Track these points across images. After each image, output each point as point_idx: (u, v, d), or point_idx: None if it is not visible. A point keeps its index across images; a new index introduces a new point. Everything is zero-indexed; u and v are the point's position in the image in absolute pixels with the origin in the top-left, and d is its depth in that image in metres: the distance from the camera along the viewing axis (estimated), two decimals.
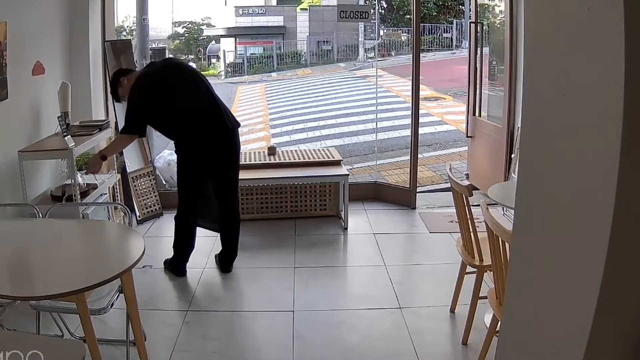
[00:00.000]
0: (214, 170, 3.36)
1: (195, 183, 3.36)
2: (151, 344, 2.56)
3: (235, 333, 2.84)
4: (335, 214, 4.46)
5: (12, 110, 3.27)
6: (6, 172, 3.22)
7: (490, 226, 2.08)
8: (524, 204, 1.51)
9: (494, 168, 4.72)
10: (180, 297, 3.20)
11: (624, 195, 1.08)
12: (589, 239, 1.17)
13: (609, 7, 1.05)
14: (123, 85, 3.20)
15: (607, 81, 1.08)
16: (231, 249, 3.53)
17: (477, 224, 2.61)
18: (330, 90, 14.81)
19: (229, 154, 3.36)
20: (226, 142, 3.31)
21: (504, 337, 1.72)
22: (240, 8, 22.88)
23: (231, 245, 3.53)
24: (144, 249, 2.13)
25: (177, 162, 3.35)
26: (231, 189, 3.46)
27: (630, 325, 1.22)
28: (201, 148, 3.25)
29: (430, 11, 21.67)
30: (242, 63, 21.55)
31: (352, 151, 7.89)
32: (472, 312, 2.60)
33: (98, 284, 1.92)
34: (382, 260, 3.66)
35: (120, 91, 3.23)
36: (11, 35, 3.19)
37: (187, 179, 3.34)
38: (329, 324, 2.88)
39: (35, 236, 2.40)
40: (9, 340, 1.89)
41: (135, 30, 5.87)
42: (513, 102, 4.44)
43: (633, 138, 1.06)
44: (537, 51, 1.38)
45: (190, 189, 3.36)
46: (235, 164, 3.43)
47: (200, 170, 3.32)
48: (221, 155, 3.32)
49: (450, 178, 2.68)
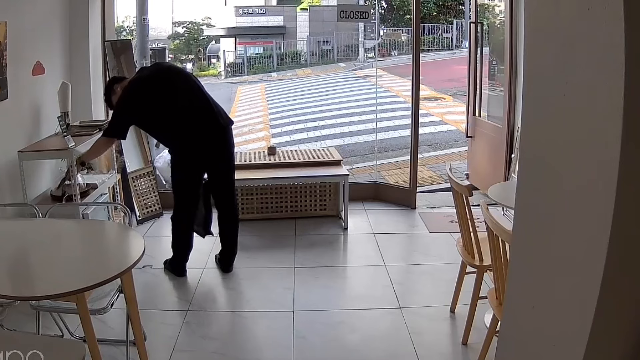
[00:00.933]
0: (209, 168, 3.38)
1: (191, 182, 3.36)
2: (151, 344, 2.56)
3: (235, 333, 2.85)
4: (335, 214, 4.46)
5: (12, 110, 3.27)
6: (6, 172, 3.22)
7: (490, 226, 2.08)
8: (524, 204, 1.51)
9: (494, 168, 4.72)
10: (180, 297, 3.20)
11: (624, 195, 1.08)
12: (589, 239, 1.17)
13: (609, 7, 1.05)
14: (116, 93, 3.21)
15: (607, 81, 1.08)
16: (231, 247, 3.53)
17: (477, 224, 2.61)
18: (330, 90, 14.81)
19: (223, 152, 3.37)
20: (219, 139, 3.32)
21: (504, 337, 1.71)
22: (240, 8, 22.87)
23: (230, 243, 3.53)
24: (144, 249, 2.13)
25: (171, 162, 3.37)
26: (228, 186, 3.47)
27: (630, 325, 1.22)
28: (195, 146, 3.26)
29: (430, 11, 21.67)
30: (242, 63, 21.55)
31: (352, 151, 7.89)
32: (472, 312, 2.60)
33: (98, 284, 1.92)
34: (382, 260, 3.66)
35: (113, 99, 3.23)
36: (11, 35, 3.19)
37: (182, 178, 3.35)
38: (329, 324, 2.88)
39: (35, 236, 2.41)
40: (9, 340, 1.89)
41: (135, 30, 5.88)
42: (513, 102, 4.44)
43: (633, 138, 1.06)
44: (537, 51, 1.38)
45: (186, 188, 3.37)
46: (230, 161, 3.44)
47: (194, 168, 3.33)
48: (215, 153, 3.34)
49: (450, 178, 2.68)
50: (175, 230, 3.45)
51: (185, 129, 3.21)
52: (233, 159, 3.49)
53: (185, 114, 3.19)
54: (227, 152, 3.40)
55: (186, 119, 3.19)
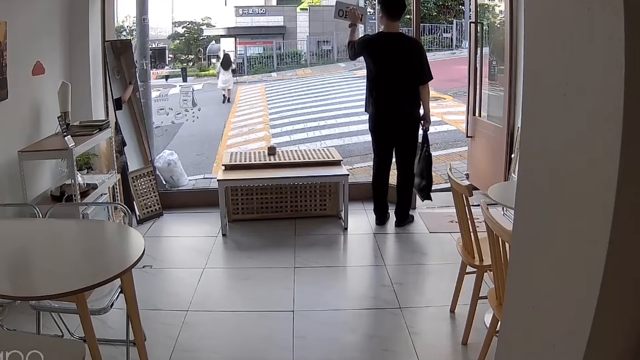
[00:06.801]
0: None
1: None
2: (151, 344, 2.56)
3: (235, 333, 2.84)
4: (335, 214, 4.46)
5: (12, 110, 3.27)
6: (6, 172, 3.22)
7: (490, 226, 2.08)
8: (524, 204, 1.51)
9: (494, 168, 4.72)
10: (180, 297, 3.20)
11: (624, 195, 1.08)
12: (589, 239, 1.17)
13: (609, 7, 1.05)
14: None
15: (607, 81, 1.08)
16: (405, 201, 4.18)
17: (477, 224, 2.61)
18: (330, 90, 14.81)
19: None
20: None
21: (504, 337, 1.71)
22: (240, 8, 22.86)
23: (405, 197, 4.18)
24: (144, 249, 2.13)
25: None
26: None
27: (630, 325, 1.22)
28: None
29: (430, 11, 21.66)
30: (242, 63, 21.55)
31: (352, 151, 7.90)
32: (472, 312, 2.60)
33: (98, 284, 1.92)
34: (382, 260, 3.66)
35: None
36: (11, 35, 3.19)
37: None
38: (329, 324, 2.88)
39: (35, 236, 2.41)
40: (9, 340, 1.89)
41: (135, 30, 5.87)
42: (513, 102, 4.44)
43: (633, 138, 1.06)
44: (537, 51, 1.38)
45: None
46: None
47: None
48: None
49: (450, 178, 2.68)
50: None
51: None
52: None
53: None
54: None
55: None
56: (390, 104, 3.95)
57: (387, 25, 3.93)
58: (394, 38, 3.91)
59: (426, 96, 3.98)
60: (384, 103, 3.97)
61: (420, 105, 3.98)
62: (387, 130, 4.04)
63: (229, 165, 4.30)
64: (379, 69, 3.94)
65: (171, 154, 5.32)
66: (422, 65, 3.90)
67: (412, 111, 3.98)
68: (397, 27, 3.94)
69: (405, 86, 3.91)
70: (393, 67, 3.89)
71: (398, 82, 3.90)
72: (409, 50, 3.90)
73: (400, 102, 3.93)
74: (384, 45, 3.91)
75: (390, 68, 3.90)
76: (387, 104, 3.95)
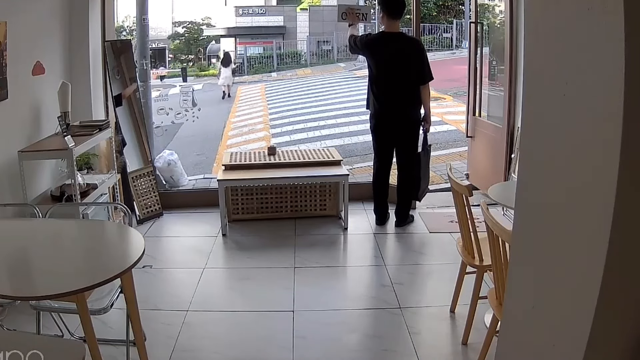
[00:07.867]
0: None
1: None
2: (151, 344, 2.56)
3: (235, 333, 2.84)
4: (335, 214, 4.46)
5: (12, 110, 3.27)
6: (6, 172, 3.22)
7: (490, 226, 2.08)
8: (524, 204, 1.51)
9: (494, 168, 4.72)
10: (180, 297, 3.19)
11: (624, 195, 1.08)
12: (589, 239, 1.17)
13: (609, 7, 1.05)
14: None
15: (607, 81, 1.08)
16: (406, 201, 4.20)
17: (477, 224, 2.61)
18: (330, 90, 14.81)
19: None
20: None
21: (504, 337, 1.72)
22: (240, 8, 22.86)
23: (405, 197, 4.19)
24: (144, 249, 2.13)
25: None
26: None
27: (630, 325, 1.22)
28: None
29: (430, 11, 21.65)
30: (242, 63, 21.54)
31: (352, 151, 7.90)
32: (472, 312, 2.60)
33: (98, 284, 1.92)
34: (382, 260, 3.66)
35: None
36: (11, 35, 3.19)
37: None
38: (329, 324, 2.88)
39: (35, 236, 2.41)
40: (9, 340, 1.89)
41: (135, 30, 5.87)
42: (513, 102, 4.44)
43: (633, 138, 1.06)
44: (537, 51, 1.38)
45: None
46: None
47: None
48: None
49: (450, 178, 2.68)
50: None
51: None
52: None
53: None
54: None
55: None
56: (390, 103, 3.94)
57: (387, 25, 3.93)
58: (394, 38, 3.91)
59: (427, 96, 3.97)
60: (384, 103, 3.96)
61: (420, 106, 3.98)
62: (387, 130, 4.04)
63: (229, 165, 4.30)
64: (380, 68, 3.94)
65: (171, 154, 5.32)
66: (422, 65, 3.90)
67: (413, 111, 3.98)
68: (398, 26, 3.94)
69: (405, 86, 3.90)
70: (393, 66, 3.88)
71: (398, 82, 3.90)
72: (409, 50, 3.90)
73: (401, 102, 3.92)
74: (385, 45, 3.91)
75: (390, 68, 3.89)
76: (388, 104, 3.95)
